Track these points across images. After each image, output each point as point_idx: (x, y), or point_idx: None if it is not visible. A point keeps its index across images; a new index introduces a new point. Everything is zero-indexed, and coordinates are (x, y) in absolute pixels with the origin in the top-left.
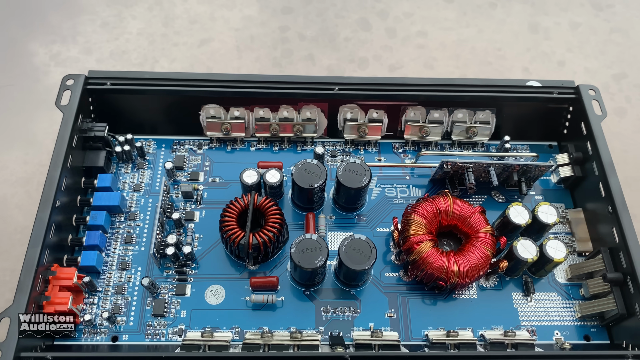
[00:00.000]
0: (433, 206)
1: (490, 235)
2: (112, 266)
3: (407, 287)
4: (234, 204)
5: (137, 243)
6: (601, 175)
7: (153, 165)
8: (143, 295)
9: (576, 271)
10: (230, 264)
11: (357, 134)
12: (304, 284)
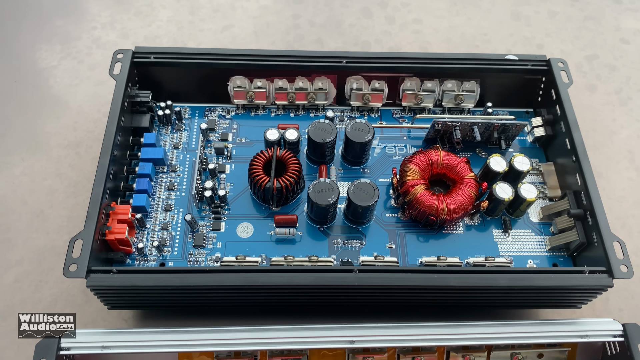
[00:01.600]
0: (426, 157)
1: (474, 181)
2: (157, 208)
3: (404, 225)
4: (260, 156)
5: (179, 189)
6: (567, 132)
7: (189, 127)
8: (185, 231)
9: (547, 211)
10: (257, 206)
11: (362, 101)
12: (318, 221)
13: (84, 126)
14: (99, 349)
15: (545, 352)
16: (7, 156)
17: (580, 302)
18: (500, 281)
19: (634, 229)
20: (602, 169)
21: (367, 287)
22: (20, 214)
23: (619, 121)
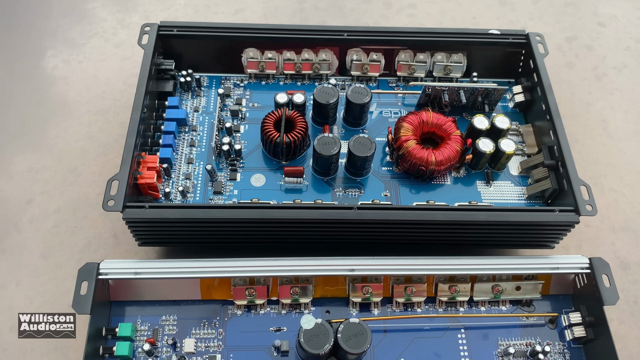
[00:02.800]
0: (418, 117)
1: (460, 137)
2: (180, 161)
3: (398, 177)
4: (271, 115)
5: (199, 146)
6: (543, 96)
7: (207, 94)
8: (205, 180)
9: (524, 165)
10: (268, 161)
11: (361, 71)
12: (322, 173)
13: (111, 95)
14: (132, 275)
15: (522, 284)
16: (44, 122)
17: (553, 240)
18: (480, 217)
19: (605, 186)
20: (578, 135)
21: (365, 221)
22: (56, 170)
23: (595, 94)
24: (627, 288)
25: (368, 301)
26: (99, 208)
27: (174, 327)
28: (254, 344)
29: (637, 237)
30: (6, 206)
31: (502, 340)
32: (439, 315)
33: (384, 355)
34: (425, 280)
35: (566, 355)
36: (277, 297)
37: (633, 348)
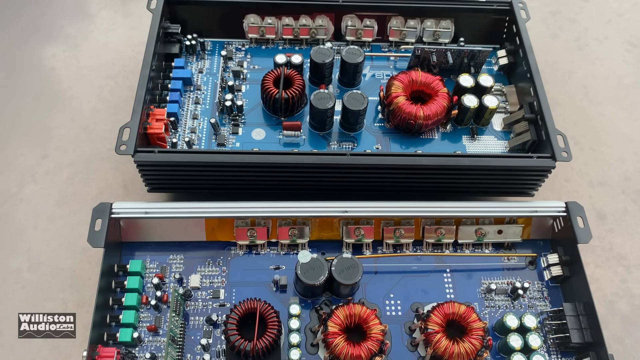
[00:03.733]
0: (408, 76)
1: (447, 94)
2: (186, 116)
3: (389, 132)
4: (271, 73)
5: (203, 103)
6: (524, 57)
7: (211, 57)
8: (209, 133)
9: (507, 121)
10: (267, 117)
11: (355, 36)
12: (318, 127)
13: (120, 62)
14: (142, 214)
15: (504, 228)
16: (57, 84)
17: (532, 187)
18: (463, 162)
19: (585, 145)
20: (561, 99)
21: (357, 165)
22: (69, 128)
23: (577, 63)
24: (603, 236)
25: (360, 242)
26: (110, 162)
27: (180, 266)
28: (254, 280)
29: (613, 190)
30: (23, 160)
31: (484, 280)
32: (426, 254)
33: (374, 292)
34: (413, 223)
35: (544, 293)
36: (277, 239)
37: (607, 289)
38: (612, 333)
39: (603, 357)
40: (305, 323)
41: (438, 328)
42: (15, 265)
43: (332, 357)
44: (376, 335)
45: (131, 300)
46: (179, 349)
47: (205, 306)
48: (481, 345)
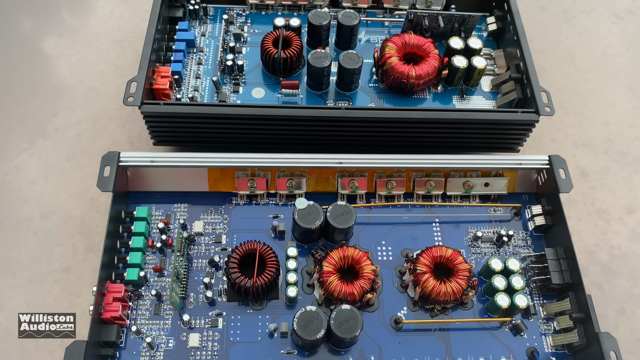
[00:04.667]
0: (401, 38)
1: (438, 55)
2: (189, 76)
3: (383, 92)
4: (270, 34)
5: (205, 64)
6: (512, 21)
7: (213, 23)
8: (212, 91)
9: (495, 82)
10: (267, 77)
11: (351, 2)
12: (315, 87)
13: (126, 28)
14: (148, 162)
15: (491, 180)
16: (65, 49)
17: (517, 141)
18: (452, 115)
19: (570, 109)
20: (548, 67)
21: (352, 118)
22: (78, 89)
23: (564, 33)
24: (585, 192)
25: (354, 194)
26: (117, 120)
27: (184, 213)
28: (254, 227)
29: (596, 150)
30: (34, 118)
31: (471, 229)
32: (416, 203)
33: (367, 239)
34: (405, 176)
35: (528, 241)
36: (275, 190)
37: (588, 240)
38: (592, 280)
39: (581, 297)
40: (302, 266)
41: (426, 269)
42: (27, 214)
43: (327, 295)
44: (368, 275)
45: (138, 243)
46: (183, 288)
47: (208, 250)
48: (467, 285)
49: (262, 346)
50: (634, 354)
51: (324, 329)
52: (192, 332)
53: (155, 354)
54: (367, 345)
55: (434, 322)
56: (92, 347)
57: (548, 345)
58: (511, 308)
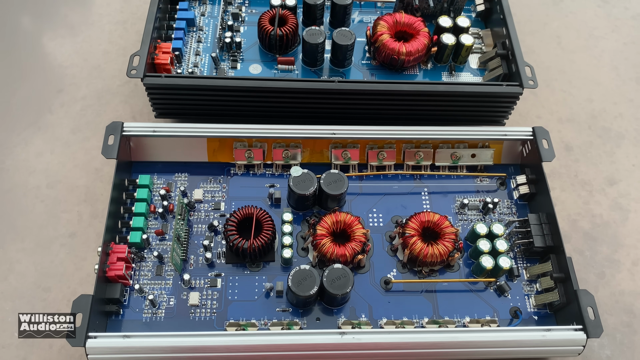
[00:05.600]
0: (392, 17)
1: (427, 33)
2: (189, 53)
3: (375, 69)
4: (267, 13)
5: (205, 42)
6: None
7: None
8: (210, 67)
9: (482, 59)
10: (263, 54)
11: None
12: (310, 63)
13: (128, 10)
14: (150, 132)
15: (477, 151)
16: (70, 29)
17: (502, 114)
18: (440, 87)
19: (556, 88)
20: (535, 48)
21: (344, 91)
22: (82, 67)
23: (551, 16)
24: (569, 165)
25: (347, 164)
26: (120, 96)
27: (185, 182)
28: (252, 195)
29: (580, 126)
30: (41, 94)
31: (458, 198)
32: (406, 172)
33: (358, 207)
34: (395, 147)
35: (513, 209)
36: (272, 160)
37: (571, 209)
38: (574, 246)
39: (562, 259)
40: (297, 232)
41: (414, 232)
42: (35, 183)
43: (320, 257)
44: (359, 237)
45: (140, 208)
46: (184, 250)
47: (207, 216)
48: (453, 248)
49: (258, 304)
50: (613, 315)
51: (317, 285)
52: (192, 291)
53: (157, 311)
54: (358, 304)
55: (422, 281)
56: (97, 304)
57: (531, 305)
58: (495, 269)
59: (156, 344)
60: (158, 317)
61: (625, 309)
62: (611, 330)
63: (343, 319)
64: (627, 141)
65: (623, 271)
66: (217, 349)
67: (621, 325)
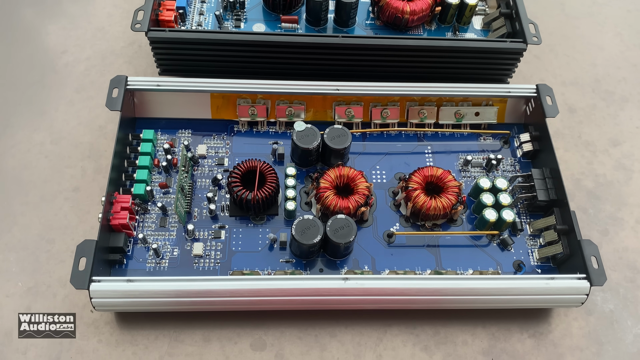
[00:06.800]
0: None
1: None
2: (193, 13)
3: (379, 28)
4: None
5: (208, 2)
6: None
7: None
8: (214, 26)
9: (486, 19)
10: (267, 14)
11: None
12: (314, 22)
13: None
14: (154, 86)
15: (481, 110)
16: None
17: (507, 71)
18: (444, 43)
19: (559, 52)
20: (539, 14)
21: (348, 45)
22: (86, 29)
23: None
24: (572, 126)
25: (350, 122)
26: (124, 57)
27: (188, 138)
28: (255, 152)
29: (583, 89)
30: (45, 54)
31: (462, 155)
32: (409, 130)
33: (362, 164)
34: (399, 105)
35: (516, 167)
36: (275, 118)
37: (575, 169)
38: (577, 204)
39: (565, 211)
40: (300, 188)
41: (417, 186)
42: (39, 140)
43: (323, 210)
44: (362, 190)
45: (144, 162)
46: (188, 202)
47: (211, 171)
48: (456, 201)
49: (262, 255)
50: (616, 270)
51: (320, 234)
52: (195, 242)
53: (161, 261)
54: (361, 256)
55: (425, 234)
56: (101, 252)
57: (534, 259)
58: (499, 222)
59: (160, 288)
60: (162, 267)
61: (629, 265)
62: (614, 285)
63: (346, 270)
64: (631, 104)
65: (627, 229)
66: (221, 293)
67: (624, 280)
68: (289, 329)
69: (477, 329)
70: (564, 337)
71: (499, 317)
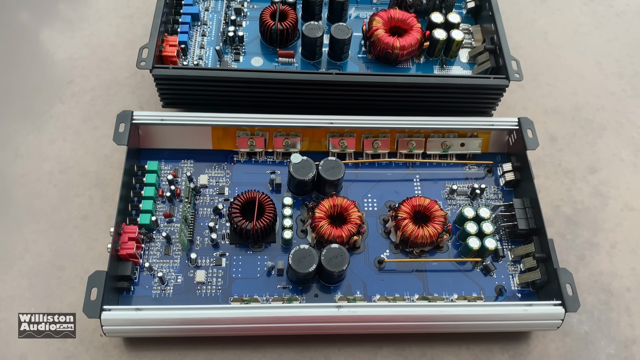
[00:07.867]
0: (387, 13)
1: (420, 29)
2: (194, 46)
3: (370, 62)
4: (268, 8)
5: (209, 35)
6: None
7: None
8: (214, 60)
9: (472, 53)
10: (265, 47)
11: None
12: (309, 56)
13: (135, 5)
14: (159, 120)
15: (466, 140)
16: (79, 22)
17: (490, 105)
18: (431, 80)
19: (542, 81)
20: (523, 43)
21: (342, 82)
22: (91, 59)
23: (539, 13)
24: (553, 154)
25: (344, 152)
26: (128, 87)
27: (190, 168)
28: (254, 181)
29: (564, 118)
30: (51, 84)
31: (448, 184)
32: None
33: (354, 192)
34: (389, 136)
35: (499, 195)
36: (273, 148)
37: (554, 195)
38: (556, 230)
39: (544, 240)
40: (296, 215)
41: (406, 215)
42: (48, 169)
43: (318, 238)
44: (355, 220)
45: (149, 192)
46: (190, 231)
47: (212, 200)
48: (442, 230)
49: (260, 282)
50: (591, 293)
51: (315, 263)
52: (198, 269)
53: (166, 288)
54: (354, 282)
55: (413, 261)
56: (110, 280)
57: (515, 284)
58: (481, 250)
59: (166, 316)
60: (167, 293)
61: (603, 288)
62: (589, 307)
63: (339, 295)
64: (608, 132)
65: (602, 253)
66: (222, 320)
67: (599, 303)
68: (286, 351)
69: (461, 350)
70: (542, 357)
71: (482, 339)
